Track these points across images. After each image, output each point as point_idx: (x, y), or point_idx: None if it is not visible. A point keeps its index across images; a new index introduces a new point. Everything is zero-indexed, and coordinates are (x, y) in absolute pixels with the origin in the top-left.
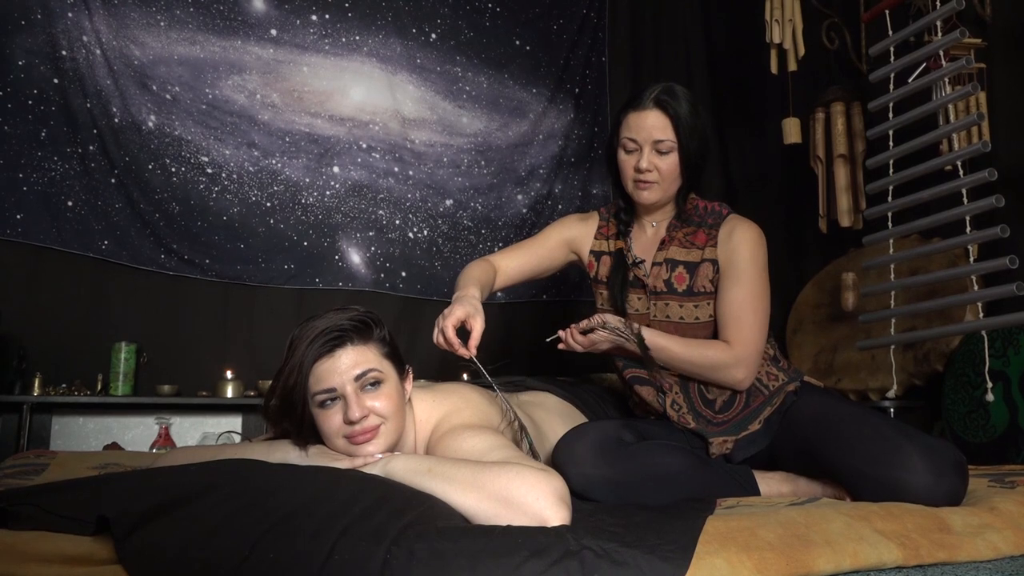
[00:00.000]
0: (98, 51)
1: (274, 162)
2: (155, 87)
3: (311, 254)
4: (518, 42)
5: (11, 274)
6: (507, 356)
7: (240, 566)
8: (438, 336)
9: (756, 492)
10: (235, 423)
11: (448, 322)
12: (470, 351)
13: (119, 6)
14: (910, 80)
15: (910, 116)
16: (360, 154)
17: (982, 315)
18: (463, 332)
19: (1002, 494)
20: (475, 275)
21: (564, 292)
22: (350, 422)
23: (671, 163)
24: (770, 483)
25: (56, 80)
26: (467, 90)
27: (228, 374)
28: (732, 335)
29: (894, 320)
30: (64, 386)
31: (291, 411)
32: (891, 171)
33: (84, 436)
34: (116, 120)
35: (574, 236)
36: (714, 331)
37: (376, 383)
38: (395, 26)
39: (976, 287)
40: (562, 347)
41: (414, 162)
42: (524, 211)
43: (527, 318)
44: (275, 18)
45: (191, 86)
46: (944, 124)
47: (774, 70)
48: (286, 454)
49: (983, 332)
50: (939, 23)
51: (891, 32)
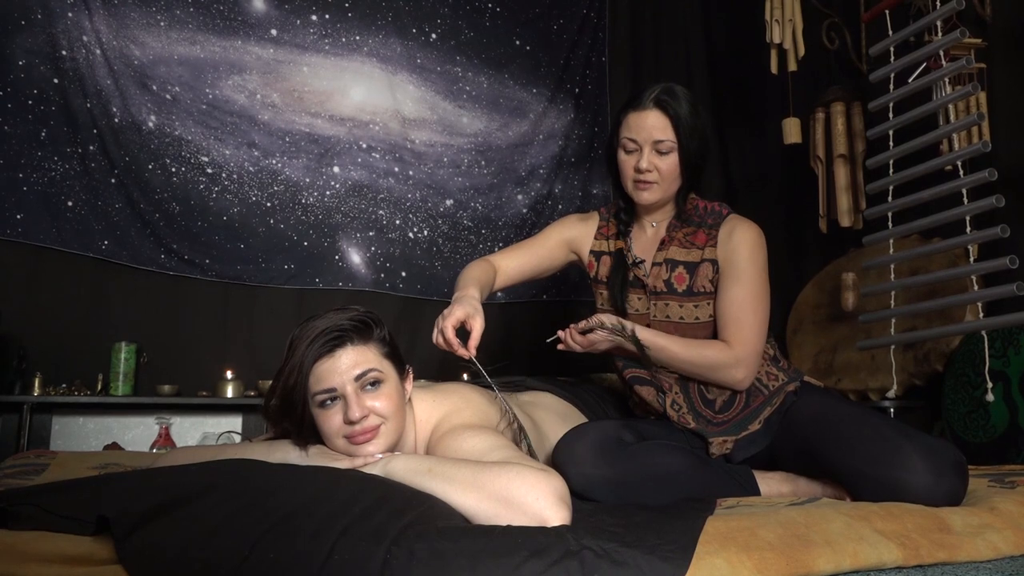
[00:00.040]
0: (98, 51)
1: (274, 162)
2: (155, 87)
3: (311, 254)
4: (518, 42)
5: (11, 274)
6: (507, 356)
7: (240, 566)
8: (437, 336)
9: (756, 492)
10: (235, 423)
11: (448, 322)
12: (469, 351)
13: (119, 6)
14: (910, 80)
15: (910, 116)
16: (360, 154)
17: (982, 315)
18: (463, 332)
19: (1002, 494)
20: (475, 275)
21: (564, 292)
22: (350, 422)
23: (671, 163)
24: (770, 483)
25: (56, 80)
26: (467, 90)
27: (228, 374)
28: (732, 335)
29: (894, 320)
30: (64, 386)
31: (291, 411)
32: (891, 171)
33: (84, 436)
34: (116, 120)
35: (574, 236)
36: (714, 331)
37: (376, 383)
38: (395, 26)
39: (976, 287)
40: (561, 347)
41: (414, 162)
42: (524, 211)
43: (527, 318)
44: (275, 18)
45: (191, 86)
46: (944, 124)
47: (774, 70)
48: (286, 454)
49: (983, 332)
50: (939, 23)
51: (891, 32)
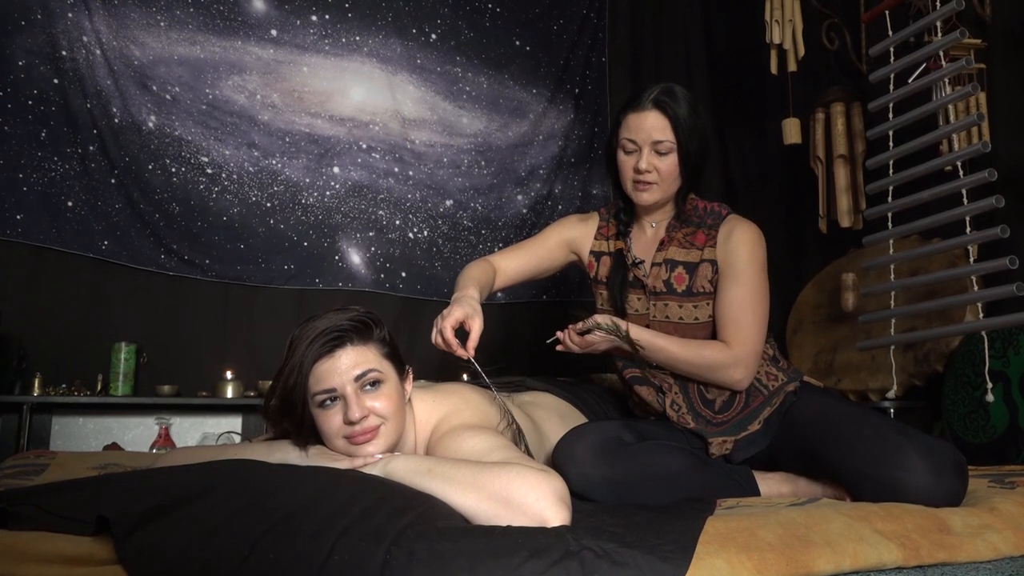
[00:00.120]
0: (98, 51)
1: (274, 162)
2: (155, 87)
3: (311, 254)
4: (518, 42)
5: (11, 274)
6: (507, 356)
7: (240, 566)
8: (436, 336)
9: (756, 492)
10: (235, 423)
11: (447, 323)
12: (468, 352)
13: (119, 6)
14: (910, 80)
15: (910, 116)
16: (360, 154)
17: (982, 315)
18: (462, 333)
19: (1002, 495)
20: (474, 275)
21: (564, 292)
22: (350, 422)
23: (670, 164)
24: (770, 483)
25: (56, 80)
26: (467, 90)
27: (228, 374)
28: (731, 335)
29: (894, 320)
30: (64, 386)
31: (291, 411)
32: (891, 171)
33: (84, 436)
34: (116, 120)
35: (574, 236)
36: (713, 331)
37: (376, 383)
38: (395, 26)
39: (976, 287)
40: (560, 348)
41: (414, 162)
42: (524, 211)
43: (527, 318)
44: (275, 18)
45: (191, 86)
46: (944, 124)
47: (774, 70)
48: (286, 454)
49: (983, 332)
50: (939, 23)
51: (891, 32)
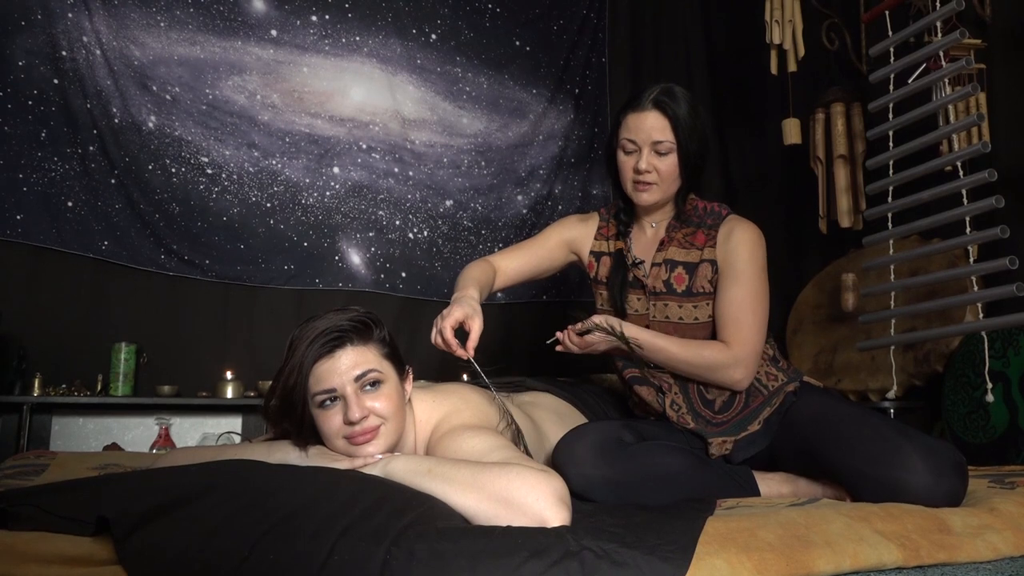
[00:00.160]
0: (98, 51)
1: (274, 163)
2: (155, 87)
3: (311, 255)
4: (518, 43)
5: (11, 274)
6: (507, 356)
7: (240, 567)
8: (436, 337)
9: (756, 493)
10: (235, 424)
11: (446, 323)
12: (468, 352)
13: (119, 7)
14: (910, 81)
15: (910, 117)
16: (360, 155)
17: (982, 316)
18: (462, 333)
19: (1002, 495)
20: (474, 276)
21: (564, 293)
22: (350, 423)
23: (670, 164)
24: (770, 484)
25: (56, 80)
26: (467, 91)
27: (228, 374)
28: (730, 335)
29: (894, 321)
30: (64, 386)
31: (291, 411)
32: (891, 172)
33: (84, 436)
34: (116, 120)
35: (574, 237)
36: (713, 332)
37: (376, 383)
38: (395, 27)
39: (976, 288)
40: (560, 349)
41: (414, 163)
42: (524, 212)
43: (527, 319)
44: (275, 19)
45: (191, 87)
46: (944, 125)
47: (774, 71)
48: (286, 455)
49: (983, 333)
50: (939, 24)
51: (891, 33)
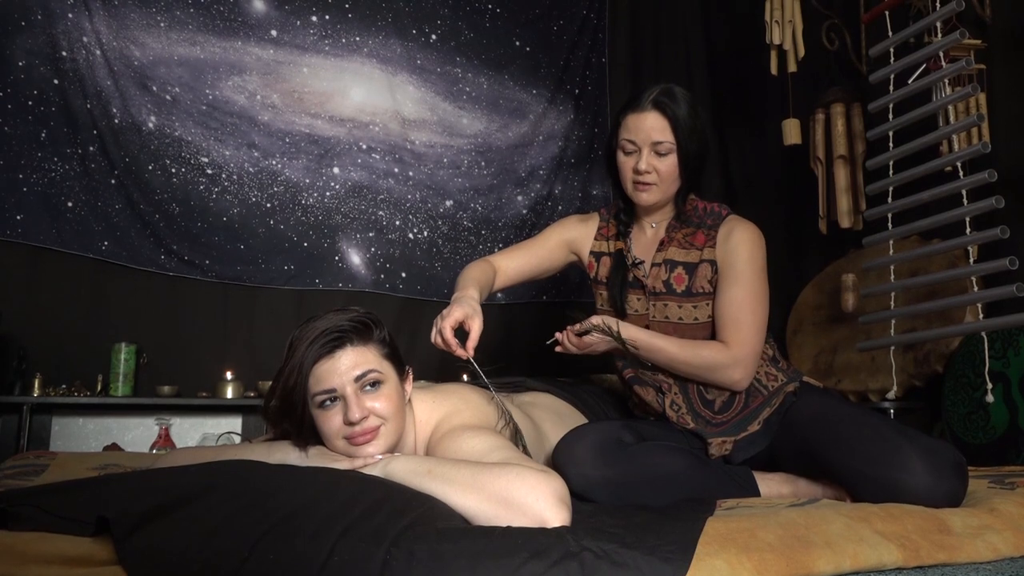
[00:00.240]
0: (98, 52)
1: (274, 163)
2: (155, 88)
3: (311, 255)
4: (518, 43)
5: (11, 274)
6: (507, 357)
7: (240, 567)
8: (436, 337)
9: (756, 493)
10: (235, 424)
11: (446, 323)
12: (468, 352)
13: (119, 7)
14: (910, 81)
15: (910, 117)
16: (360, 155)
17: (982, 316)
18: (462, 333)
19: (1002, 495)
20: (474, 276)
21: (564, 293)
22: (350, 423)
23: (670, 165)
24: (770, 484)
25: (56, 81)
26: (467, 91)
27: (228, 375)
28: (730, 336)
29: (894, 321)
30: (64, 387)
31: (291, 412)
32: (891, 172)
33: (84, 437)
34: (116, 121)
35: (574, 237)
36: (713, 332)
37: (376, 384)
38: (395, 27)
39: (976, 288)
40: (559, 350)
41: (414, 163)
42: (524, 212)
43: (527, 319)
44: (275, 19)
45: (191, 87)
46: (944, 125)
47: (774, 71)
48: (286, 455)
49: (983, 333)
50: (939, 24)
51: (891, 33)
